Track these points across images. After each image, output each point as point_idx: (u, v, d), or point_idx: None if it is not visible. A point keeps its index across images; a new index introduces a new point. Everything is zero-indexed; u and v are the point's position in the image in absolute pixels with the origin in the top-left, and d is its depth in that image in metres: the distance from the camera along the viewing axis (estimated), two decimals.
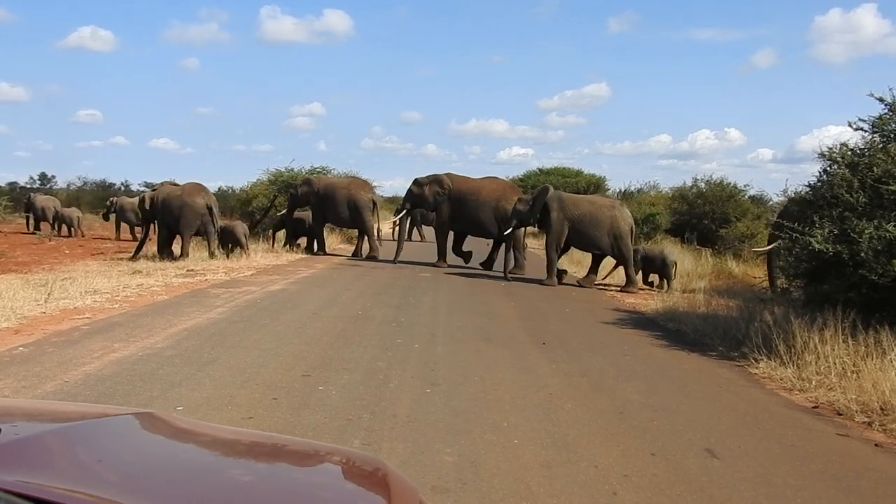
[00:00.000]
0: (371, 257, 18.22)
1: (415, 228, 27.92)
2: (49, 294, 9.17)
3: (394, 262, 17.10)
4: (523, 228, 16.03)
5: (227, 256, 16.34)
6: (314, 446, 1.71)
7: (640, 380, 6.46)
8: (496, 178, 17.84)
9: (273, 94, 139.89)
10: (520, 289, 13.69)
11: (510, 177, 43.10)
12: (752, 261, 18.20)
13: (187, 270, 13.67)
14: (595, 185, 35.68)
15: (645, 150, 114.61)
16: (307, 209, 19.36)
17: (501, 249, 16.29)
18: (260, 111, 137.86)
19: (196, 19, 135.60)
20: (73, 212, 26.85)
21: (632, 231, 14.67)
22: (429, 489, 3.60)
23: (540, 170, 38.94)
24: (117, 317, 8.21)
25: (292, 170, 25.29)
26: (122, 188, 50.95)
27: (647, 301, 12.35)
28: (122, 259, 16.45)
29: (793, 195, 15.03)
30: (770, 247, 14.25)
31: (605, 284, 15.00)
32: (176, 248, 16.51)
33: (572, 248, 15.43)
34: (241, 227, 17.04)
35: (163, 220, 16.32)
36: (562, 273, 15.24)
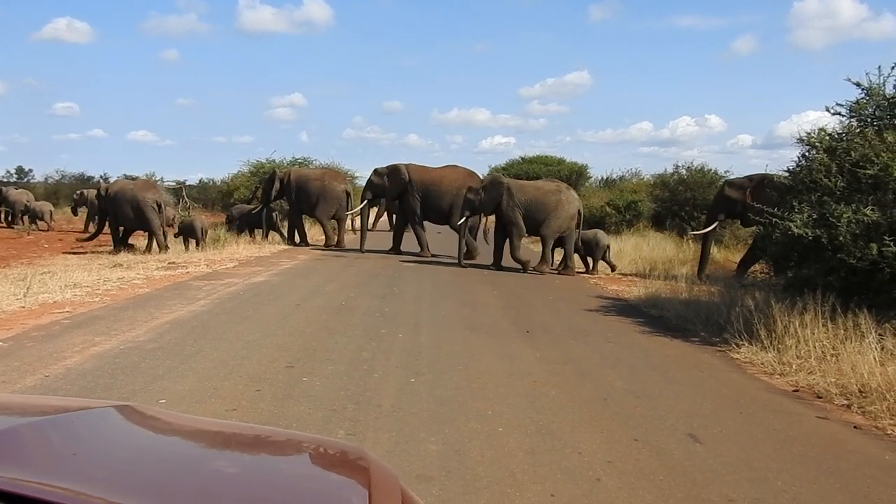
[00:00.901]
0: (335, 246, 18.43)
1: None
2: (28, 288, 9.07)
3: (360, 251, 17.24)
4: (480, 216, 16.24)
5: (186, 249, 16.61)
6: (296, 436, 1.70)
7: (623, 366, 6.50)
8: (457, 166, 18.00)
9: (253, 84, 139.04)
10: (504, 278, 13.72)
11: (492, 166, 43.14)
12: (734, 247, 18.36)
13: (169, 263, 13.57)
14: (577, 174, 35.73)
15: (626, 137, 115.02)
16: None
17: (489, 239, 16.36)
18: (240, 102, 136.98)
19: (175, 10, 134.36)
20: (45, 205, 26.76)
21: (579, 214, 14.91)
22: (413, 478, 3.60)
23: (522, 158, 38.91)
24: (98, 310, 8.14)
25: (273, 161, 25.17)
26: (102, 181, 50.50)
27: (630, 288, 12.41)
28: (101, 252, 16.32)
29: (730, 179, 15.46)
30: (707, 229, 14.63)
31: (557, 270, 15.12)
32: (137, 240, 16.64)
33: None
34: (198, 222, 17.37)
35: (114, 215, 16.96)
36: (525, 262, 15.24)
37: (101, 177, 50.66)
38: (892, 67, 8.86)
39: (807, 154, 9.22)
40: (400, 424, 4.49)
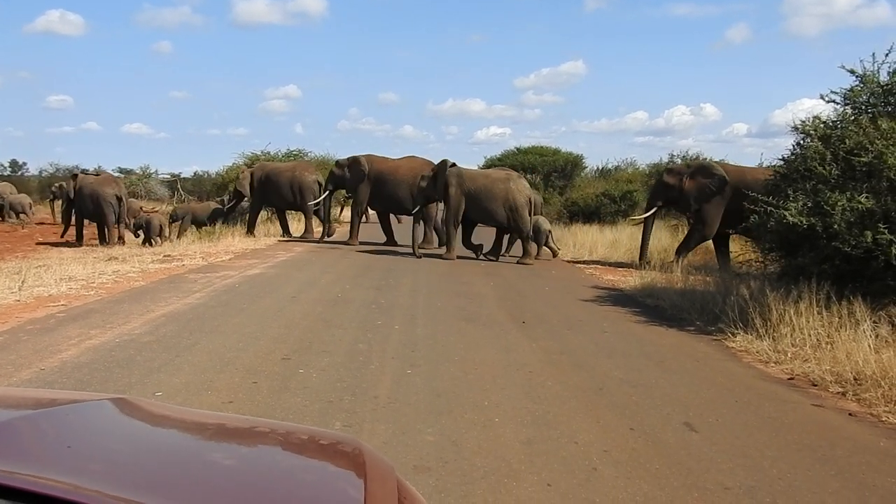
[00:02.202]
0: (304, 237, 18.74)
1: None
2: (23, 282, 9.05)
3: (320, 240, 18.00)
4: (437, 205, 16.46)
5: (142, 245, 16.92)
6: (292, 428, 1.70)
7: (619, 356, 6.51)
8: (414, 157, 18.25)
9: (248, 77, 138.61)
10: (499, 269, 13.73)
11: (488, 156, 43.07)
12: (730, 236, 18.33)
13: (164, 256, 13.55)
14: (573, 164, 35.72)
15: (622, 127, 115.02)
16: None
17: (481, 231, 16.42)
18: (235, 94, 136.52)
19: (168, 2, 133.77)
20: (24, 198, 26.86)
21: (530, 203, 14.97)
22: (410, 469, 3.61)
23: (517, 149, 38.84)
24: (93, 303, 8.12)
25: (268, 153, 25.10)
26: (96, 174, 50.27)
27: (626, 278, 12.43)
28: (96, 245, 16.30)
29: (670, 166, 15.89)
30: (645, 215, 14.98)
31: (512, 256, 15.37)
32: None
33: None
34: (157, 219, 17.73)
35: (78, 208, 17.78)
36: (478, 248, 15.48)
37: (94, 170, 50.51)
38: (886, 54, 8.88)
39: (801, 142, 9.22)
40: (396, 416, 4.50)
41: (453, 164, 15.48)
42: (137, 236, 17.61)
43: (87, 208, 17.50)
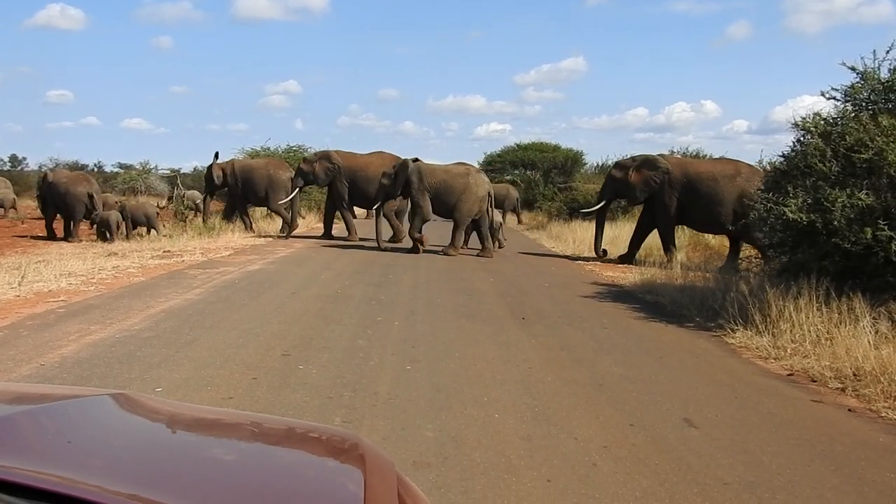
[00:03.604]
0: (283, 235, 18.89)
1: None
2: (23, 277, 9.05)
3: (287, 236, 18.05)
4: (406, 200, 16.55)
5: (103, 241, 16.98)
6: (292, 424, 1.70)
7: (619, 352, 6.52)
8: (383, 152, 18.42)
9: (248, 72, 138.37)
10: (499, 265, 13.73)
11: (488, 152, 43.06)
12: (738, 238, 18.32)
13: (164, 252, 13.55)
14: (573, 160, 35.72)
15: (622, 123, 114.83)
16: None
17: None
18: (235, 90, 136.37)
19: None
20: (8, 193, 26.98)
21: (489, 197, 15.28)
22: (410, 464, 3.61)
23: (517, 145, 38.85)
24: (93, 299, 8.12)
25: (268, 149, 25.08)
26: (96, 169, 50.22)
27: (626, 274, 12.43)
28: (96, 241, 16.30)
29: (618, 160, 16.38)
30: (595, 208, 15.45)
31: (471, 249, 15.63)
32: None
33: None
34: (114, 216, 17.78)
35: (52, 204, 18.30)
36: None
37: (94, 164, 50.44)
38: (887, 51, 8.85)
39: (802, 139, 9.19)
40: (396, 412, 4.50)
41: (416, 160, 15.69)
42: (101, 233, 17.75)
43: (59, 205, 18.12)
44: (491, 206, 15.35)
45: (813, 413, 4.91)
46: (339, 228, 19.19)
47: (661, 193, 14.35)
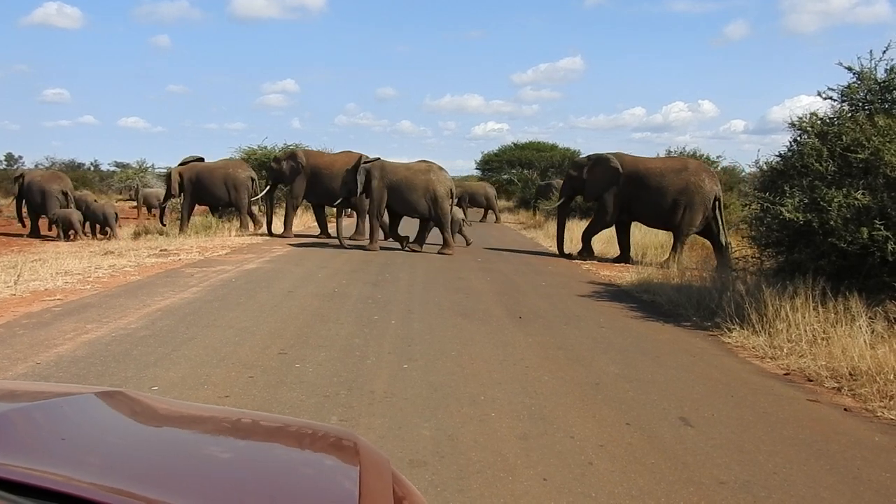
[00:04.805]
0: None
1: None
2: (19, 276, 9.03)
3: (269, 234, 18.32)
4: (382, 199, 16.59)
5: (62, 239, 17.55)
6: (288, 422, 1.70)
7: (615, 351, 6.52)
8: (350, 152, 18.50)
9: (245, 71, 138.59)
10: (496, 264, 13.73)
11: (485, 151, 43.10)
12: (728, 231, 18.35)
13: (160, 250, 13.53)
14: (570, 160, 35.72)
15: (619, 123, 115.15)
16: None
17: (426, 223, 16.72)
18: (232, 89, 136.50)
19: None
20: None
21: (451, 194, 15.45)
22: (406, 463, 3.61)
23: (515, 144, 38.95)
24: (89, 298, 8.11)
25: (265, 147, 25.06)
26: (92, 168, 50.15)
27: (622, 273, 12.44)
28: (90, 240, 16.27)
29: (575, 159, 17.10)
30: (556, 204, 15.98)
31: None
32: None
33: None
34: (76, 215, 18.20)
35: (28, 203, 19.03)
36: (404, 239, 15.82)
37: (91, 163, 50.33)
38: (884, 52, 8.88)
39: (798, 139, 9.23)
40: (393, 410, 4.50)
41: (377, 159, 15.81)
42: (63, 232, 18.07)
43: (35, 202, 18.83)
44: (453, 203, 15.53)
45: (809, 412, 4.92)
46: (331, 227, 19.15)
47: (609, 190, 14.88)
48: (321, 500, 1.13)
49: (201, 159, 19.47)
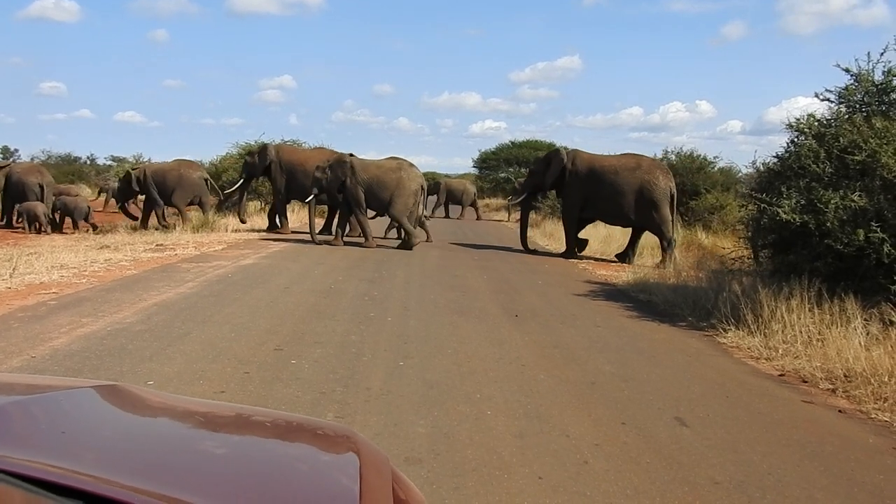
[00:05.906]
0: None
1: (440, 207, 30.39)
2: (14, 269, 9.00)
3: (242, 222, 18.57)
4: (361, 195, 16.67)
5: (28, 232, 17.51)
6: (285, 417, 1.70)
7: (611, 350, 6.53)
8: (323, 149, 18.75)
9: (243, 66, 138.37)
10: (492, 262, 13.74)
11: (482, 150, 43.12)
12: (722, 232, 18.41)
13: (156, 245, 13.50)
14: None
15: (616, 122, 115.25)
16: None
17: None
18: (229, 84, 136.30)
19: None
20: None
21: (422, 190, 15.73)
22: (402, 460, 3.61)
23: (512, 143, 38.97)
24: (85, 292, 8.09)
25: (262, 143, 24.99)
26: (88, 162, 49.96)
27: (619, 273, 12.45)
28: (87, 233, 16.23)
29: (535, 158, 17.87)
30: (517, 201, 16.98)
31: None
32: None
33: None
34: (41, 208, 18.28)
35: (7, 194, 19.37)
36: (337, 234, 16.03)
37: (87, 157, 50.15)
38: (881, 53, 8.89)
39: (795, 140, 9.24)
40: (389, 407, 4.50)
41: (351, 155, 15.84)
42: (28, 224, 18.15)
43: (16, 195, 19.13)
44: (420, 202, 15.72)
45: (803, 413, 4.93)
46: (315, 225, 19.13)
47: (566, 187, 15.26)
48: (321, 497, 1.13)
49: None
